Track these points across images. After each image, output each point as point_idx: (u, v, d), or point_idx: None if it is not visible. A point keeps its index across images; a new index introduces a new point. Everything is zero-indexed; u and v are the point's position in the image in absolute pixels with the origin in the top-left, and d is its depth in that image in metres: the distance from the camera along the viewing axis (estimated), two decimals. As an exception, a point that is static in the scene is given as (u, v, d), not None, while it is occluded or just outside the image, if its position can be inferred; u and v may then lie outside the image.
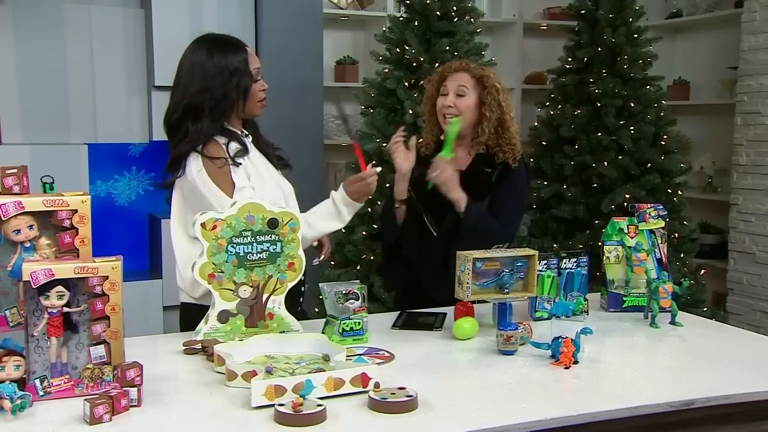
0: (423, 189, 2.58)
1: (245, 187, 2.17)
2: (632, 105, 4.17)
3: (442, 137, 2.66)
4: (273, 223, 2.04)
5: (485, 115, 2.58)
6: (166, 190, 2.31)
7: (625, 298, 2.46)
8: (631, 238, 2.50)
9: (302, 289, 2.35)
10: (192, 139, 2.18)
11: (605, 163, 4.12)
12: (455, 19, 3.91)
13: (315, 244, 2.47)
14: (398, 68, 3.88)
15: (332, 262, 3.85)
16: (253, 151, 2.31)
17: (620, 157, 4.13)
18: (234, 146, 2.21)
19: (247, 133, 2.34)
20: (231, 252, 2.00)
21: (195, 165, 2.17)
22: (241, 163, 2.20)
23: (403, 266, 2.66)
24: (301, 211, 2.23)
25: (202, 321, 2.03)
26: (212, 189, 2.15)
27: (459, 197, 2.52)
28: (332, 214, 2.29)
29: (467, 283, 2.16)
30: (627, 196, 4.05)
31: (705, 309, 4.12)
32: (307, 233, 2.21)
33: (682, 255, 4.19)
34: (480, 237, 2.45)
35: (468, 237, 2.45)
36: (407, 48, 3.83)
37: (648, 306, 2.35)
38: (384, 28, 4.15)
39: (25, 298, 1.64)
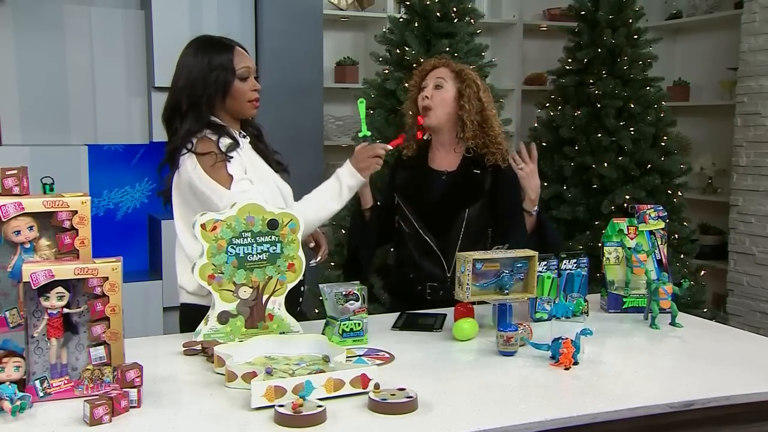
0: (410, 194, 2.58)
1: (243, 179, 2.18)
2: (632, 106, 4.17)
3: (426, 137, 2.67)
4: (273, 224, 2.04)
5: (464, 107, 2.56)
6: (166, 196, 2.31)
7: (625, 299, 2.46)
8: (631, 239, 2.50)
9: (302, 289, 2.35)
10: (180, 135, 2.20)
11: (605, 164, 4.11)
12: (455, 20, 3.91)
13: (312, 244, 2.47)
14: (398, 69, 3.88)
15: (332, 263, 3.85)
16: (252, 153, 2.32)
17: (620, 158, 4.13)
18: (225, 141, 2.21)
19: (245, 134, 2.34)
20: (231, 253, 2.00)
21: (190, 164, 2.18)
22: (233, 157, 2.20)
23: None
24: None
25: (202, 322, 2.03)
26: (210, 184, 2.16)
27: (535, 197, 2.55)
28: (333, 192, 2.32)
29: (467, 284, 2.16)
30: (627, 197, 4.05)
31: (705, 310, 4.12)
32: (310, 215, 2.24)
33: (682, 256, 4.19)
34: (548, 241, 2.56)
35: (550, 233, 2.60)
36: (407, 49, 3.84)
37: (648, 307, 2.35)
38: (384, 29, 4.15)
39: (25, 299, 1.64)
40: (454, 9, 3.90)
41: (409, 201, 2.63)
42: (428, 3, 3.85)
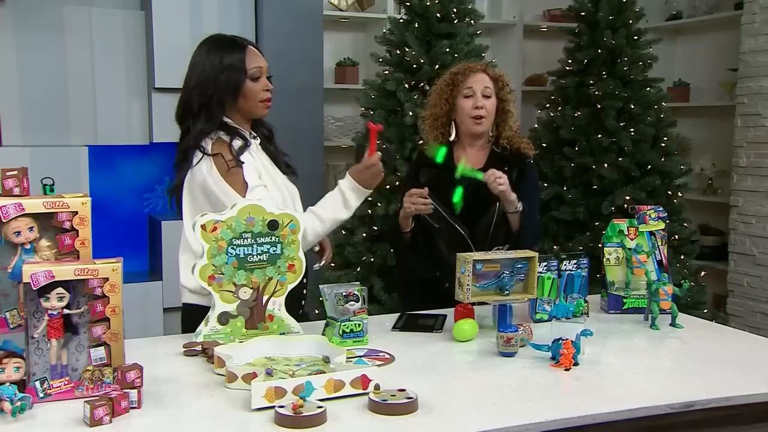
0: (439, 191, 2.58)
1: (258, 186, 2.18)
2: (632, 107, 4.17)
3: (452, 138, 2.70)
4: (273, 225, 2.04)
5: (510, 111, 2.67)
6: (175, 195, 2.31)
7: (625, 300, 2.46)
8: (632, 239, 2.50)
9: (304, 291, 2.35)
10: (193, 135, 2.20)
11: (605, 165, 4.11)
12: (455, 21, 3.91)
13: (317, 248, 2.46)
14: (398, 70, 3.89)
15: (332, 264, 3.85)
16: (263, 154, 2.32)
17: (620, 159, 4.13)
18: (237, 143, 2.21)
19: (255, 135, 2.34)
20: (231, 254, 2.01)
21: (205, 166, 2.18)
22: (244, 162, 2.20)
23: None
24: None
25: (203, 323, 2.03)
26: (225, 188, 2.16)
27: (515, 197, 2.55)
28: (340, 203, 2.26)
29: (467, 284, 2.16)
30: (627, 198, 4.05)
31: (705, 311, 4.12)
32: (318, 227, 2.21)
33: (682, 257, 4.19)
34: (529, 232, 2.59)
35: (526, 232, 2.58)
36: (407, 50, 3.84)
37: (648, 308, 2.35)
38: (384, 30, 4.15)
39: (26, 299, 1.64)
40: (455, 10, 3.90)
41: (439, 197, 2.59)
42: (428, 4, 3.85)
